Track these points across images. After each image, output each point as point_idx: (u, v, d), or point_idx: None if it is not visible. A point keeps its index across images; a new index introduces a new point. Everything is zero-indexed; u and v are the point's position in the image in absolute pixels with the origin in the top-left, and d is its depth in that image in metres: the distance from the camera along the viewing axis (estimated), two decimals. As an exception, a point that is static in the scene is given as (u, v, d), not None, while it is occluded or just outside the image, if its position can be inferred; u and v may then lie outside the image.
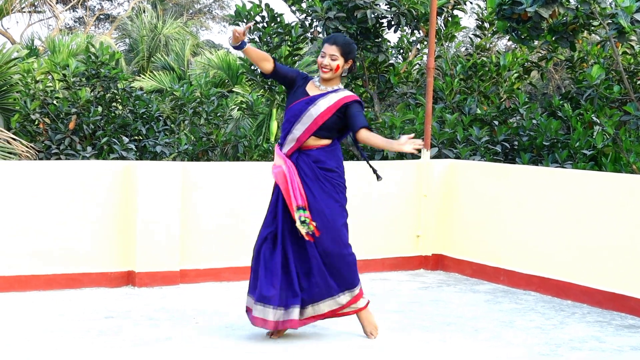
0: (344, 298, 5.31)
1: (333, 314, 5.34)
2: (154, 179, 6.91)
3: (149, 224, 6.90)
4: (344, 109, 5.27)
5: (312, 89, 5.34)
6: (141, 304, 6.32)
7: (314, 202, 5.26)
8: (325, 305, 5.29)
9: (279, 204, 5.36)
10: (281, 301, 5.21)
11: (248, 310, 5.39)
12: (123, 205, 6.94)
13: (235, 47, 5.20)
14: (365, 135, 5.24)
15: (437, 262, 7.99)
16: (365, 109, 11.40)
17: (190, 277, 7.12)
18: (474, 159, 9.21)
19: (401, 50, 12.45)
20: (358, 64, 10.76)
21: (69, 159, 10.65)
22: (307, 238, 5.23)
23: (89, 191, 6.85)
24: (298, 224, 5.21)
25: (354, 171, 7.75)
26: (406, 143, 5.03)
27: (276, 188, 5.42)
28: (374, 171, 5.57)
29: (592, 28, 9.50)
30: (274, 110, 18.39)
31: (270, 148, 12.96)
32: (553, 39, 9.48)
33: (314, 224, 5.22)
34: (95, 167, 6.98)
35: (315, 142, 5.31)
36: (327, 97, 5.27)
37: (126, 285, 6.96)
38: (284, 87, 5.45)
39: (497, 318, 6.10)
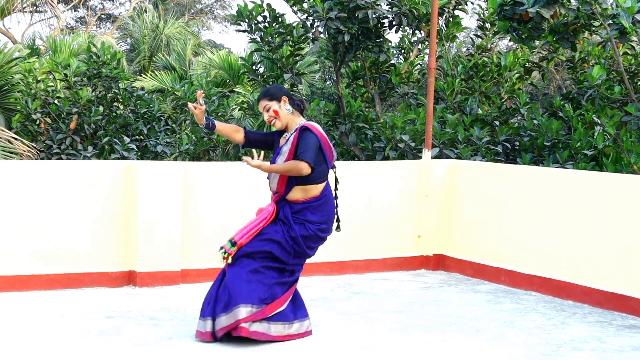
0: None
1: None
2: (155, 179, 6.91)
3: (150, 224, 6.90)
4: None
5: (281, 141, 5.43)
6: (142, 304, 6.31)
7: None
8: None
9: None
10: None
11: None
12: (124, 205, 6.93)
13: (206, 128, 5.40)
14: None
15: (438, 262, 7.98)
16: (367, 109, 11.39)
17: (191, 277, 7.11)
18: (475, 159, 9.20)
19: (402, 51, 12.44)
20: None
21: (70, 159, 10.63)
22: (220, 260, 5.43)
23: (90, 191, 6.84)
24: (218, 249, 5.43)
25: (355, 171, 7.77)
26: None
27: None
28: (338, 220, 5.56)
29: (593, 28, 9.47)
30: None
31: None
32: (554, 39, 9.46)
33: (228, 261, 5.37)
34: (96, 166, 6.97)
35: (302, 194, 5.32)
36: (288, 142, 5.33)
37: (127, 285, 6.95)
38: (269, 150, 5.56)
39: (498, 318, 6.09)
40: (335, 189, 5.53)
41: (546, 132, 9.64)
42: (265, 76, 11.16)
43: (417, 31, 11.41)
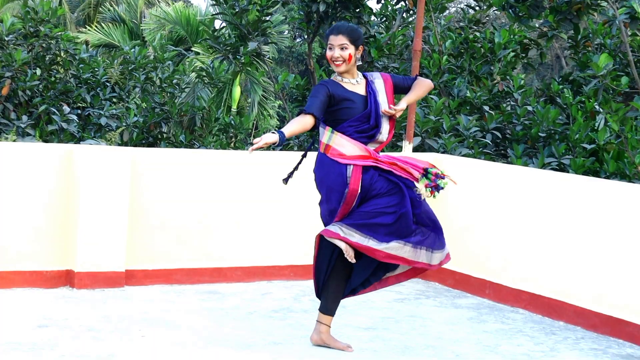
0: None
1: None
2: (99, 167, 6.84)
3: (92, 218, 6.83)
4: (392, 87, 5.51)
5: (350, 88, 5.40)
6: (81, 311, 6.27)
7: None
8: None
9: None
10: None
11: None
12: (62, 195, 6.86)
13: (282, 142, 5.24)
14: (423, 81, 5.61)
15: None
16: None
17: (137, 279, 7.08)
18: (460, 152, 9.22)
19: (384, 19, 12.41)
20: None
21: (1, 129, 10.51)
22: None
23: (22, 178, 6.75)
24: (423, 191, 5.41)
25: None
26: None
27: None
28: (290, 174, 5.65)
29: (600, 8, 9.50)
30: (238, 75, 18.32)
31: (232, 121, 12.89)
32: (555, 19, 9.48)
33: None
34: (30, 150, 6.87)
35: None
36: (374, 88, 5.43)
37: (64, 287, 6.89)
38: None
39: (480, 341, 6.14)
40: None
41: (542, 121, 9.69)
42: (228, 44, 11.09)
43: (401, 2, 11.38)
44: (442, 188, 5.43)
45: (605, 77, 9.60)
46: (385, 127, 5.46)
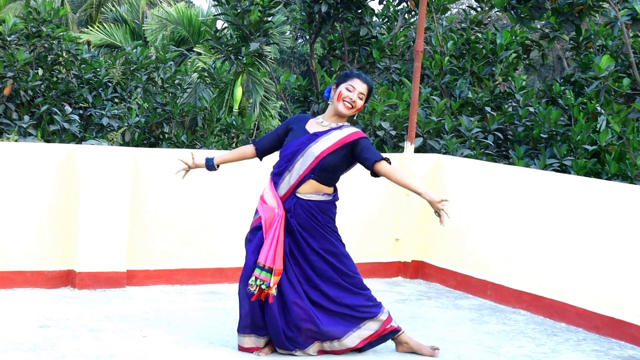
0: None
1: None
2: (101, 167, 6.83)
3: (93, 218, 6.83)
4: (350, 148, 5.40)
5: (313, 127, 5.46)
6: (82, 311, 6.26)
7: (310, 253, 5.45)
8: None
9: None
10: None
11: None
12: (64, 195, 6.86)
13: (209, 169, 5.61)
14: (385, 168, 5.44)
15: (417, 270, 8.01)
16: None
17: (138, 279, 7.07)
18: (462, 152, 9.21)
19: (386, 20, 12.39)
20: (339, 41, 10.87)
21: (3, 129, 10.49)
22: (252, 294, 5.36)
23: (24, 178, 6.75)
24: (252, 279, 5.31)
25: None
26: (436, 202, 5.29)
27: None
28: None
29: (601, 10, 9.48)
30: (240, 76, 18.30)
31: (234, 122, 12.89)
32: (557, 20, 9.46)
33: (268, 291, 5.32)
34: (32, 150, 6.86)
35: (314, 188, 5.41)
36: (330, 134, 5.40)
37: (65, 287, 6.89)
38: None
39: (482, 342, 6.13)
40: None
41: (543, 122, 9.68)
42: (229, 45, 11.07)
43: (403, 3, 11.37)
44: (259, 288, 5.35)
45: (607, 79, 9.58)
46: (297, 168, 5.38)
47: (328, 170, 5.39)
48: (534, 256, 7.05)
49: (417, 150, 9.04)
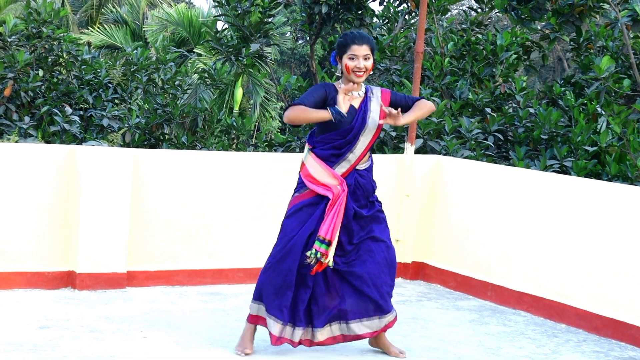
0: None
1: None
2: (101, 168, 6.83)
3: (94, 219, 6.83)
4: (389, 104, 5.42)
5: (347, 100, 5.31)
6: (82, 312, 6.26)
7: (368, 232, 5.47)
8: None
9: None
10: None
11: None
12: (64, 196, 6.86)
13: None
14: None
15: (418, 271, 8.00)
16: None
17: (138, 280, 7.07)
18: (462, 154, 9.22)
19: (386, 21, 12.40)
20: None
21: (3, 130, 10.50)
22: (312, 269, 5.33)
23: (24, 179, 6.75)
24: (312, 252, 5.26)
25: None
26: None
27: (319, 205, 5.42)
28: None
29: (602, 11, 9.49)
30: (240, 77, 18.31)
31: (234, 123, 12.89)
32: (557, 21, 9.46)
33: (326, 261, 5.29)
34: (32, 151, 6.86)
35: (366, 156, 5.48)
36: (371, 102, 5.38)
37: (65, 287, 6.89)
38: None
39: (482, 343, 6.13)
40: None
41: (544, 123, 9.68)
42: (230, 46, 11.08)
43: (403, 4, 11.38)
44: (318, 260, 5.32)
45: (608, 80, 9.59)
46: (360, 146, 5.37)
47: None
48: (534, 257, 7.05)
49: (418, 151, 9.05)
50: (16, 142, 9.64)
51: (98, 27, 22.76)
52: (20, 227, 6.76)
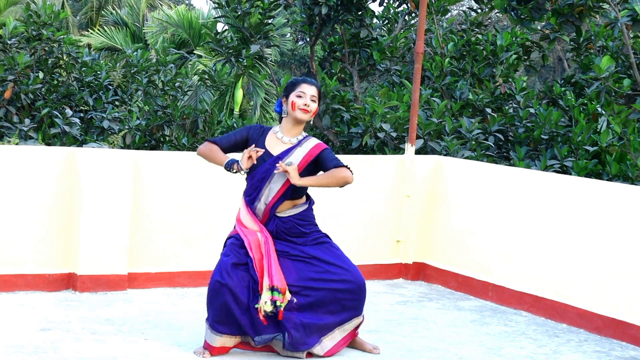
0: None
1: None
2: (101, 170, 6.84)
3: (94, 221, 6.83)
4: (314, 161, 5.43)
5: (273, 144, 5.44)
6: (83, 313, 6.26)
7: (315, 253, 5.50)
8: None
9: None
10: None
11: None
12: (65, 198, 6.86)
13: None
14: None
15: (419, 272, 8.01)
16: (344, 89, 11.35)
17: (139, 282, 7.07)
18: (463, 154, 9.22)
19: (386, 21, 12.40)
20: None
21: (3, 133, 10.50)
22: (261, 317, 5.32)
23: (25, 181, 6.76)
24: (264, 303, 5.27)
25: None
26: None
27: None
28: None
29: (602, 11, 9.49)
30: (240, 78, 18.31)
31: (235, 124, 12.91)
32: (557, 21, 9.46)
33: (284, 304, 5.31)
34: (33, 153, 6.87)
35: (291, 204, 5.47)
36: (292, 153, 5.41)
37: (66, 290, 6.89)
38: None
39: (483, 343, 6.13)
40: None
41: (544, 123, 9.68)
42: (230, 47, 11.08)
43: (403, 5, 11.39)
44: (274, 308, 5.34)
45: (608, 80, 9.59)
46: (267, 194, 5.41)
47: (298, 188, 5.42)
48: (535, 257, 7.06)
49: (418, 151, 9.05)
50: (16, 144, 9.64)
51: (98, 29, 22.75)
52: (21, 230, 6.76)
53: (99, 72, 11.76)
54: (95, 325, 6.00)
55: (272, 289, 5.29)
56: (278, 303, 5.28)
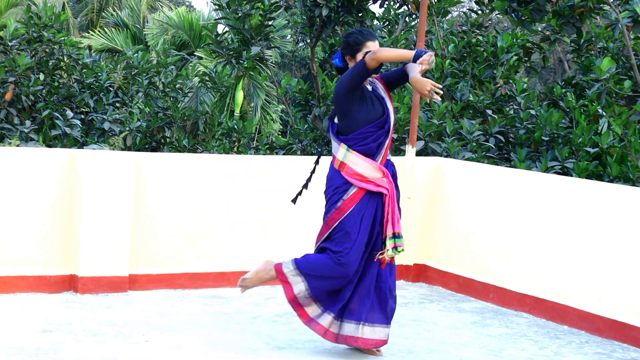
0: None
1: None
2: (102, 172, 6.84)
3: (96, 222, 6.83)
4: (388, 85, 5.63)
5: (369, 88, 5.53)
6: (84, 315, 6.26)
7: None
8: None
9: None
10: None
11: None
12: (66, 200, 6.86)
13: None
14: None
15: (419, 273, 8.00)
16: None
17: (140, 284, 7.07)
18: (464, 155, 9.22)
19: (386, 23, 12.41)
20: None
21: (4, 134, 10.51)
22: (383, 263, 5.39)
23: (25, 183, 6.76)
24: (390, 252, 5.33)
25: (327, 166, 7.73)
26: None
27: (370, 201, 5.43)
28: (298, 193, 5.77)
29: (602, 12, 9.50)
30: (241, 80, 18.32)
31: (235, 126, 12.91)
32: (557, 23, 9.47)
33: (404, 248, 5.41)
34: (33, 155, 6.87)
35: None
36: (379, 88, 5.55)
37: (67, 291, 6.89)
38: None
39: (484, 345, 6.13)
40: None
41: (545, 124, 9.69)
42: (231, 49, 11.09)
43: (404, 6, 11.39)
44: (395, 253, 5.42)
45: (608, 81, 9.59)
46: (390, 134, 5.49)
47: None
48: (536, 259, 7.05)
49: (419, 153, 9.05)
50: (17, 146, 9.65)
51: (99, 31, 22.77)
52: (22, 231, 6.76)
53: (99, 74, 11.77)
54: (96, 327, 6.00)
55: (395, 236, 5.34)
56: (400, 249, 5.35)
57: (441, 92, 5.29)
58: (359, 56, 5.41)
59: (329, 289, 5.42)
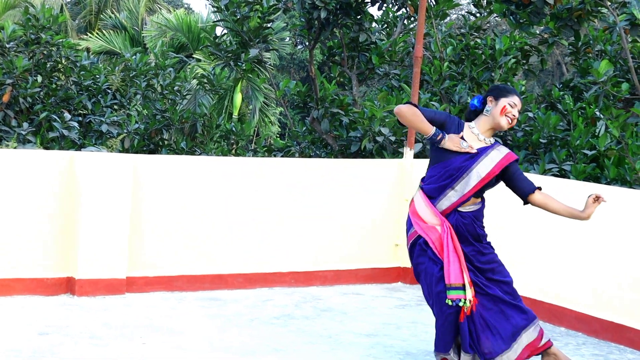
0: None
1: None
2: (100, 174, 6.86)
3: (93, 225, 6.85)
4: (504, 169, 5.37)
5: (469, 138, 5.31)
6: (82, 318, 6.28)
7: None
8: None
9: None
10: None
11: None
12: (63, 202, 6.87)
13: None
14: (541, 199, 5.45)
15: (417, 276, 8.00)
16: (343, 93, 11.38)
17: (138, 286, 7.09)
18: (462, 158, 9.22)
19: (385, 26, 12.43)
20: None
21: (2, 136, 10.52)
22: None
23: (23, 185, 6.77)
24: (450, 302, 5.16)
25: (326, 169, 7.76)
26: (593, 208, 5.29)
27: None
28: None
29: (600, 15, 9.52)
30: (239, 82, 18.34)
31: (233, 128, 12.93)
32: (555, 26, 9.49)
33: (469, 305, 5.18)
34: (31, 157, 6.88)
35: (472, 201, 5.36)
36: (489, 153, 5.30)
37: (65, 294, 6.90)
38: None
39: (482, 347, 6.13)
40: None
41: (543, 127, 9.70)
42: (229, 51, 11.11)
43: (402, 9, 11.41)
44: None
45: (606, 84, 9.61)
46: (462, 185, 5.26)
47: (486, 188, 5.37)
48: (533, 261, 7.07)
49: (417, 155, 9.07)
50: (15, 148, 9.66)
51: (97, 33, 22.78)
52: (19, 234, 6.77)
53: (97, 76, 11.77)
54: (94, 329, 6.01)
55: (450, 287, 5.16)
56: (461, 302, 5.15)
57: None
58: (502, 101, 5.28)
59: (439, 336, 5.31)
